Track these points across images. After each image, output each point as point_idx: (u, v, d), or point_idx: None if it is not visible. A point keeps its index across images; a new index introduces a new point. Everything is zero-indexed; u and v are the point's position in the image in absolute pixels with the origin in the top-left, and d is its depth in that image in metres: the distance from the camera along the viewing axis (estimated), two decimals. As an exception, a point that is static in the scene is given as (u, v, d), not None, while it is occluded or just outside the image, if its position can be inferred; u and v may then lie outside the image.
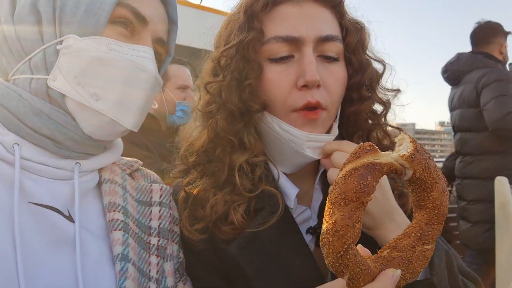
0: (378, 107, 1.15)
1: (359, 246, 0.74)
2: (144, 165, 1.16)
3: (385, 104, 1.14)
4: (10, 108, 0.85)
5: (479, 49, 3.47)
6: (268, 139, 1.09)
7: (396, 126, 1.18)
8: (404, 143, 0.71)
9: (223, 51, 1.05)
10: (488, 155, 3.29)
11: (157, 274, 0.96)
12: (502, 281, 2.95)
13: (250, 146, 1.05)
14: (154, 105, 2.67)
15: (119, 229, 0.91)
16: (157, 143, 2.46)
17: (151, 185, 1.07)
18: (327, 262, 0.65)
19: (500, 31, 3.48)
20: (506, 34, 3.50)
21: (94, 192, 0.97)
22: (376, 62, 1.14)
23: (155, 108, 2.70)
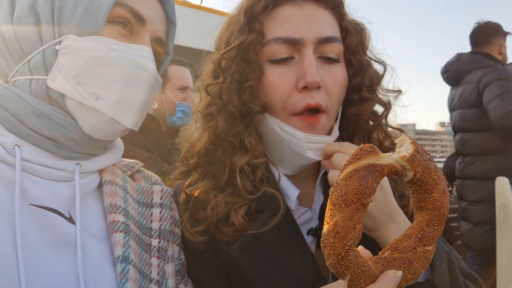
0: (379, 108, 1.15)
1: (360, 248, 0.74)
2: (145, 166, 1.16)
3: (386, 105, 1.14)
4: (10, 110, 0.86)
5: (479, 50, 3.46)
6: (269, 141, 1.09)
7: (397, 127, 1.18)
8: (405, 145, 0.71)
9: (224, 53, 1.05)
10: (489, 155, 3.28)
11: (158, 276, 0.95)
12: (503, 282, 2.94)
13: (251, 148, 1.05)
14: (154, 105, 2.67)
15: (120, 231, 0.91)
16: (158, 144, 2.46)
17: (152, 187, 1.07)
18: (328, 264, 0.65)
19: (500, 32, 3.47)
20: (505, 35, 3.49)
21: (95, 194, 0.97)
22: (377, 63, 1.14)
23: (155, 109, 2.70)
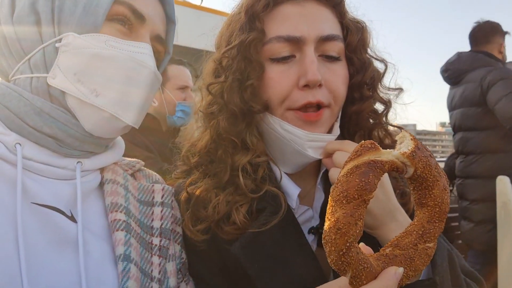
0: (380, 107, 1.15)
1: (361, 245, 0.74)
2: (145, 166, 1.16)
3: (387, 104, 1.15)
4: (11, 108, 0.86)
5: (479, 49, 3.45)
6: (270, 140, 1.09)
7: (398, 125, 1.18)
8: (405, 141, 0.71)
9: (225, 52, 1.05)
10: (491, 154, 3.25)
11: (159, 274, 0.95)
12: (504, 281, 2.94)
13: (253, 147, 1.06)
14: (154, 103, 2.66)
15: (121, 230, 0.92)
16: (158, 143, 2.46)
17: (153, 185, 1.07)
18: (330, 260, 0.65)
19: (500, 31, 3.47)
20: (504, 34, 3.49)
21: (96, 193, 0.97)
22: (378, 62, 1.14)
23: (155, 109, 2.70)
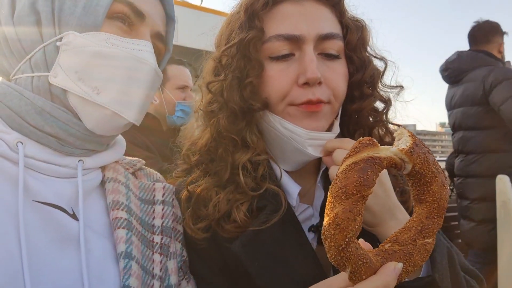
0: (379, 105, 1.16)
1: (361, 240, 0.75)
2: (146, 166, 1.16)
3: (387, 102, 1.15)
4: (13, 107, 0.86)
5: (478, 48, 3.44)
6: (270, 138, 1.09)
7: (398, 124, 1.18)
8: (403, 138, 0.71)
9: (224, 50, 1.06)
10: (492, 153, 3.24)
11: (161, 272, 0.96)
12: (504, 280, 2.94)
13: (253, 145, 1.06)
14: (155, 100, 2.67)
15: (123, 227, 0.92)
16: (159, 143, 2.46)
17: (154, 184, 1.08)
18: (329, 256, 0.65)
19: (499, 31, 3.46)
20: (503, 34, 3.48)
21: (98, 191, 0.98)
22: (378, 60, 1.14)
23: (155, 109, 2.70)
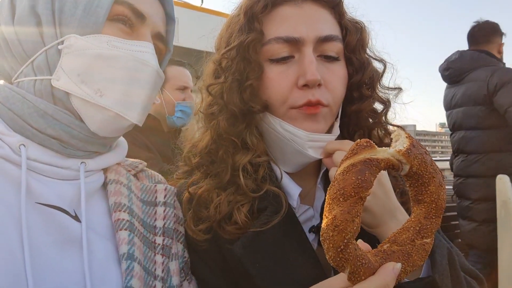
0: (379, 106, 1.16)
1: (359, 241, 0.75)
2: (146, 167, 1.17)
3: (386, 103, 1.15)
4: (15, 110, 0.87)
5: (478, 48, 3.44)
6: (270, 140, 1.10)
7: (397, 125, 1.18)
8: (400, 139, 0.72)
9: (224, 53, 1.06)
10: (495, 153, 3.23)
11: (163, 273, 0.96)
12: (505, 280, 2.94)
13: (253, 147, 1.06)
14: (157, 100, 2.66)
15: (125, 229, 0.92)
16: (160, 143, 2.46)
17: (156, 186, 1.08)
18: (328, 257, 0.66)
19: (499, 31, 3.46)
20: (502, 35, 3.48)
21: (100, 193, 0.98)
22: (377, 62, 1.15)
23: (155, 109, 2.70)
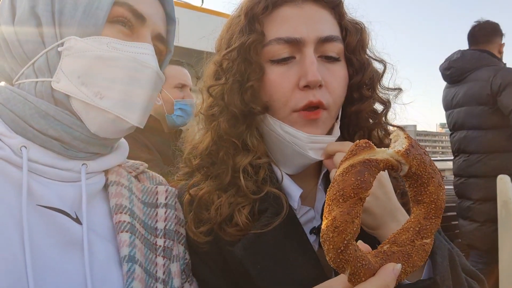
0: (379, 107, 1.16)
1: (359, 242, 0.75)
2: (147, 168, 1.17)
3: (386, 104, 1.15)
4: (16, 112, 0.87)
5: (479, 48, 3.43)
6: (271, 141, 1.10)
7: (397, 125, 1.18)
8: (399, 139, 0.72)
9: (225, 54, 1.06)
10: (497, 153, 3.23)
11: (164, 275, 0.96)
12: (505, 280, 2.94)
13: (253, 148, 1.06)
14: (158, 101, 2.66)
15: (126, 231, 0.92)
16: (160, 144, 2.46)
17: (157, 187, 1.08)
18: (328, 258, 0.66)
19: (499, 31, 3.45)
20: (502, 35, 3.47)
21: (101, 195, 0.98)
22: (377, 62, 1.15)
23: (155, 109, 2.69)
